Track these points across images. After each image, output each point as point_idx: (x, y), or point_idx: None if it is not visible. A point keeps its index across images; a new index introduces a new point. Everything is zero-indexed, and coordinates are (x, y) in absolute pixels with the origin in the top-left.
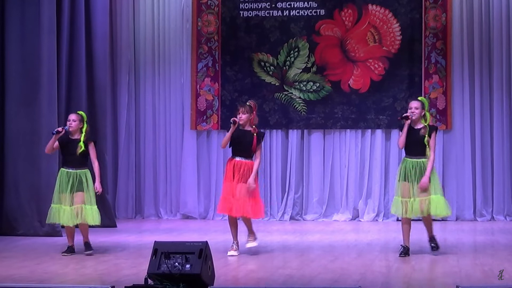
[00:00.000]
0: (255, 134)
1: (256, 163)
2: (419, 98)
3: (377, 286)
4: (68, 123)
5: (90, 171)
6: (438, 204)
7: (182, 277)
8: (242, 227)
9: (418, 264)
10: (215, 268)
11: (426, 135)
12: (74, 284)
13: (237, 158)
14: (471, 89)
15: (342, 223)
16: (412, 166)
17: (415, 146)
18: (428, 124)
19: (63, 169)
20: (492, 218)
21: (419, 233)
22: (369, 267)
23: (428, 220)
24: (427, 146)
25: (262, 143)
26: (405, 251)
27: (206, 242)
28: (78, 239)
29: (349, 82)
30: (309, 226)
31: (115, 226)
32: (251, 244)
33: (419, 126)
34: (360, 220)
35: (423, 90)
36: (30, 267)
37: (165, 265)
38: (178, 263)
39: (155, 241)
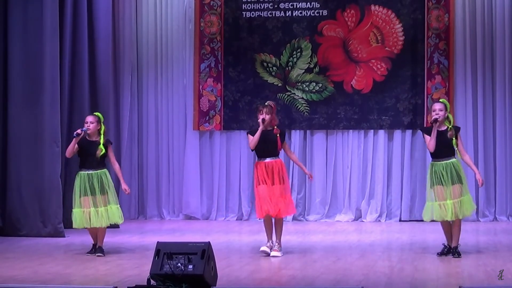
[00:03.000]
0: (278, 135)
1: (295, 158)
2: (440, 100)
3: (379, 287)
4: (86, 125)
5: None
6: (467, 205)
7: (184, 277)
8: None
9: (420, 264)
10: (217, 269)
11: (454, 137)
12: (77, 285)
13: (267, 160)
14: (474, 90)
15: (345, 223)
16: (443, 168)
17: (443, 148)
18: (453, 126)
19: (82, 172)
20: (495, 218)
21: (422, 234)
22: (371, 268)
23: (458, 226)
24: (455, 147)
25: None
26: (446, 250)
27: (209, 242)
28: (84, 239)
29: (351, 83)
30: (312, 227)
31: (118, 227)
32: (276, 254)
33: (443, 128)
34: (362, 221)
35: (425, 90)
36: (32, 268)
37: (168, 266)
38: (181, 264)
39: (157, 242)
